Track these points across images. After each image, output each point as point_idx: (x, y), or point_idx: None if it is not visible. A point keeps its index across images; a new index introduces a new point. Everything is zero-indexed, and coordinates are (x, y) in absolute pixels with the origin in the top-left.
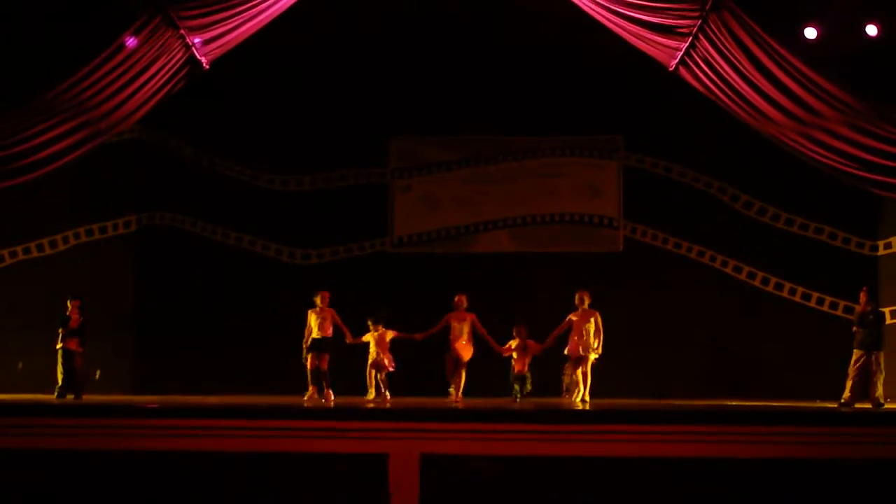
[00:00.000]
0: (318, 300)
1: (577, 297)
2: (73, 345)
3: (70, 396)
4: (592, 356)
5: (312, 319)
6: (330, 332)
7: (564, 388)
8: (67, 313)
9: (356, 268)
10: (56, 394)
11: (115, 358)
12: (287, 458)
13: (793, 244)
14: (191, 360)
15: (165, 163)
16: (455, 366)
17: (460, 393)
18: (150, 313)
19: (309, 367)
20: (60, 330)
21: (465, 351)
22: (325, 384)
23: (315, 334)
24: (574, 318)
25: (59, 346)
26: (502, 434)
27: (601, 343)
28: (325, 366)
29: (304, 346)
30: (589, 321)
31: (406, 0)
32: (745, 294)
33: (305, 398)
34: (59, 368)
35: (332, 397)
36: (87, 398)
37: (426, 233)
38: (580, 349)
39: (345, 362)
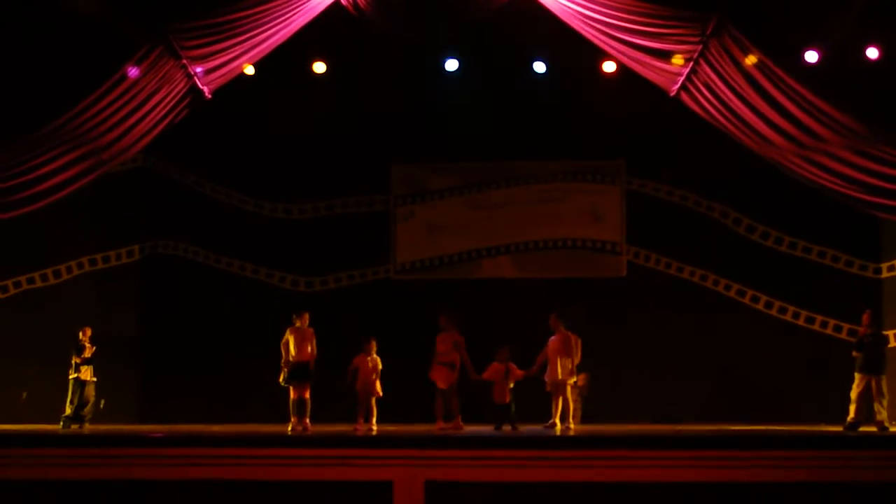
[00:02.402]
0: (298, 322)
1: (550, 321)
2: (87, 374)
3: (74, 426)
4: (571, 380)
5: (292, 339)
6: (307, 354)
7: (570, 415)
8: (80, 342)
9: (359, 295)
10: (62, 423)
11: (120, 387)
12: (293, 486)
13: (796, 267)
14: (195, 389)
15: (169, 192)
16: (443, 396)
17: (440, 421)
18: (154, 342)
19: (293, 396)
20: (75, 359)
21: (443, 378)
22: (305, 413)
23: (294, 355)
24: (550, 343)
25: (73, 375)
26: (507, 460)
27: (574, 367)
28: (307, 394)
29: (282, 366)
30: (562, 345)
31: (408, 27)
32: (748, 318)
33: (289, 429)
34: (71, 398)
35: (309, 425)
36: (93, 428)
37: (429, 259)
38: (557, 374)
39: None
